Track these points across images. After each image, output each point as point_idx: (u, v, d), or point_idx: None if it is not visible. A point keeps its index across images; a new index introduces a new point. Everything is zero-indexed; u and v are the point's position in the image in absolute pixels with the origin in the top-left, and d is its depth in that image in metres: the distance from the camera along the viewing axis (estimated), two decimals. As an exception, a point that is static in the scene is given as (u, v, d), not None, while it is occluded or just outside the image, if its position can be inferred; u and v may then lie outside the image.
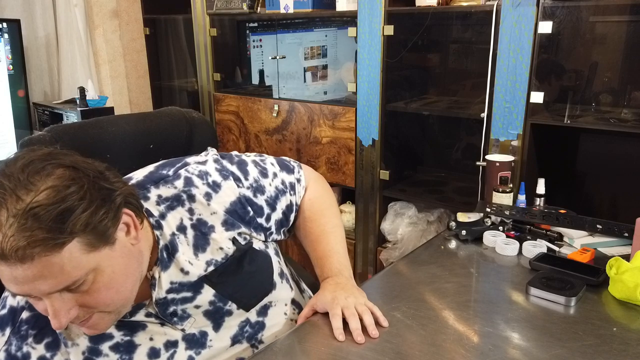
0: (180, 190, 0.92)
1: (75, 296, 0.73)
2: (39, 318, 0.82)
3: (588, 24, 1.70)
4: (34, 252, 0.66)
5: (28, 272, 0.67)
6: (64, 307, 0.72)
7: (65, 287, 0.71)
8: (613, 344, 0.91)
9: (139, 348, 0.85)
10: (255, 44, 2.49)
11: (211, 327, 0.92)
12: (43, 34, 2.50)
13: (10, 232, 0.65)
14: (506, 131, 1.69)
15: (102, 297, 0.74)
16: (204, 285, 0.90)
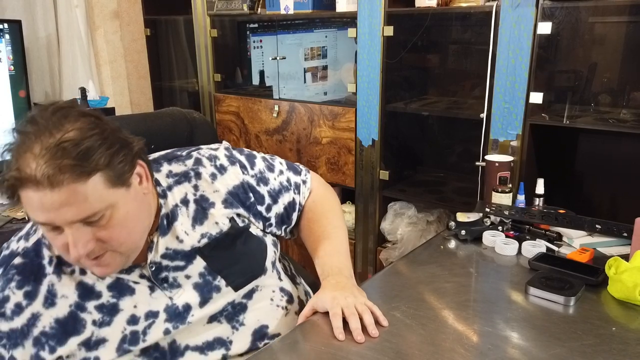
0: (189, 168, 0.99)
1: (93, 230, 0.80)
2: (27, 266, 0.89)
3: (587, 24, 1.70)
4: (63, 178, 0.74)
5: (56, 198, 0.75)
6: (83, 238, 0.79)
7: (87, 216, 0.78)
8: (612, 343, 0.92)
9: (120, 313, 0.90)
10: (255, 44, 2.49)
11: (198, 302, 0.94)
12: (44, 35, 2.51)
13: (42, 161, 0.74)
14: (505, 131, 1.69)
15: (116, 233, 0.82)
16: (196, 257, 0.95)
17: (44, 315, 0.88)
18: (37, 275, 0.89)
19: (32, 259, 0.90)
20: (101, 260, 0.83)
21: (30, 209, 0.78)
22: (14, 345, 0.87)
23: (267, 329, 1.01)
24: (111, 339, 0.89)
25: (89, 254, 0.81)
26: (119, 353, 0.89)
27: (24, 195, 0.77)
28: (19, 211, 1.80)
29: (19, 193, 0.77)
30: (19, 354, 0.87)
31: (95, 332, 0.88)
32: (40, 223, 0.80)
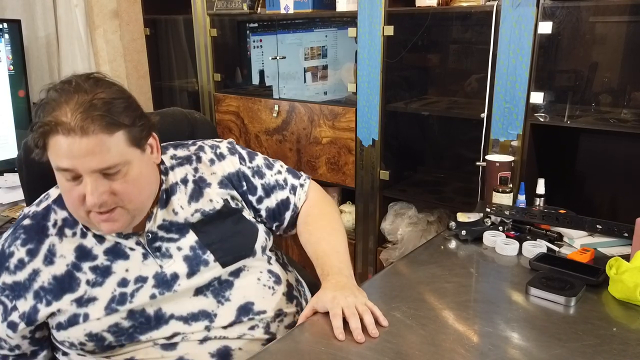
0: (191, 152, 1.11)
1: (109, 183, 0.89)
2: (33, 227, 0.99)
3: (588, 24, 1.70)
4: (93, 128, 0.85)
5: (84, 145, 0.85)
6: (100, 188, 0.88)
7: (108, 167, 0.88)
8: (613, 344, 0.91)
9: (112, 275, 0.97)
10: (255, 44, 2.49)
11: (186, 272, 1.00)
12: (43, 34, 2.50)
13: (76, 112, 0.84)
14: (506, 131, 1.69)
15: (129, 189, 0.91)
16: (189, 231, 1.02)
17: (43, 271, 0.96)
18: (41, 235, 0.97)
19: (39, 221, 0.99)
20: (110, 215, 0.91)
21: (57, 155, 0.87)
22: (17, 297, 0.96)
23: (252, 306, 1.03)
24: (101, 298, 0.96)
25: (102, 205, 0.89)
26: (107, 312, 0.95)
27: (54, 142, 0.86)
28: (18, 211, 1.80)
29: (48, 140, 0.86)
30: (21, 304, 0.96)
31: (87, 291, 0.96)
32: (63, 169, 0.88)
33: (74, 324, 0.95)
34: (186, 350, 0.98)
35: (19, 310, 0.96)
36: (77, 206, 0.91)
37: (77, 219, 0.96)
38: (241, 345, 1.01)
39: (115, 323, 0.95)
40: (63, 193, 0.94)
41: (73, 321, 0.95)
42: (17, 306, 0.96)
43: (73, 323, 0.95)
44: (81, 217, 0.94)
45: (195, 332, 0.99)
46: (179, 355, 0.98)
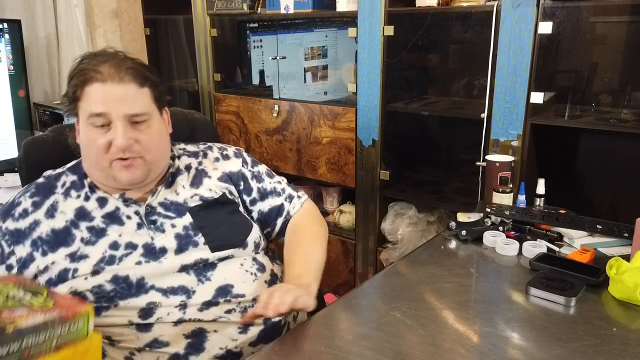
0: (200, 149, 1.21)
1: (135, 132, 1.00)
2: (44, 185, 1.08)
3: (588, 24, 1.70)
4: (127, 78, 0.99)
5: (119, 91, 0.98)
6: (128, 133, 0.99)
7: (137, 113, 1.00)
8: (613, 344, 0.91)
9: (105, 237, 1.03)
10: (255, 44, 2.49)
11: (174, 248, 1.05)
12: (44, 34, 2.50)
13: (111, 66, 0.99)
14: (506, 131, 1.69)
15: (150, 140, 1.02)
16: (186, 214, 1.09)
17: (44, 223, 1.03)
18: (48, 192, 1.06)
19: (51, 181, 1.09)
20: (132, 162, 1.01)
21: (93, 101, 0.98)
22: (16, 242, 1.02)
23: (231, 288, 1.05)
24: (92, 256, 1.01)
25: (127, 149, 0.99)
26: (95, 268, 1.00)
27: (91, 89, 0.98)
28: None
29: (85, 88, 0.98)
30: (19, 250, 1.02)
31: (81, 248, 1.01)
32: (97, 114, 0.98)
33: (64, 279, 0.99)
34: (161, 332, 1.00)
35: (16, 255, 1.02)
36: (101, 155, 1.00)
37: (97, 170, 1.03)
38: (216, 327, 1.02)
39: (99, 284, 0.99)
40: (88, 144, 1.02)
41: (63, 276, 0.99)
42: (15, 251, 1.02)
43: (63, 279, 0.99)
44: (102, 168, 1.01)
45: (171, 307, 1.00)
46: (154, 337, 1.00)
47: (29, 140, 1.20)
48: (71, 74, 1.02)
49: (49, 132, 1.23)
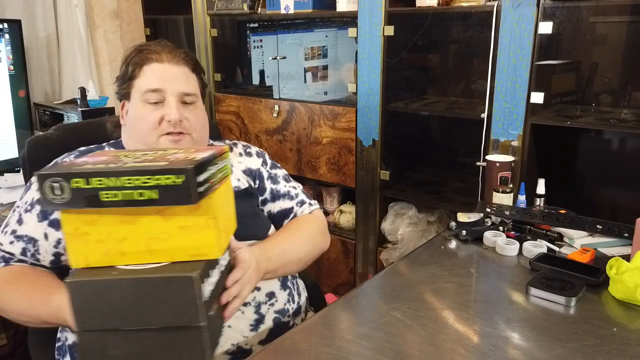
0: (225, 145, 1.24)
1: (185, 110, 1.07)
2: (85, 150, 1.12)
3: (588, 24, 1.70)
4: (182, 62, 1.09)
5: (173, 71, 1.07)
6: (179, 109, 1.06)
7: (188, 92, 1.08)
8: (613, 344, 0.91)
9: None
10: (255, 44, 2.49)
11: None
12: (44, 34, 2.50)
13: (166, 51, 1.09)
14: (506, 131, 1.69)
15: (197, 119, 1.10)
16: None
17: None
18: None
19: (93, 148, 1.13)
20: (180, 137, 1.06)
21: (150, 78, 1.06)
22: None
23: None
24: None
25: (177, 124, 1.05)
26: None
27: (149, 68, 1.07)
28: (19, 211, 1.80)
29: (143, 68, 1.06)
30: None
31: None
32: (152, 90, 1.05)
33: None
34: None
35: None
36: (152, 129, 1.05)
37: (144, 146, 1.06)
38: (230, 322, 1.02)
39: None
40: (138, 120, 1.07)
41: None
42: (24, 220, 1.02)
43: None
44: (151, 142, 1.06)
45: None
46: None
47: (33, 139, 1.20)
48: (128, 56, 1.09)
49: (53, 130, 1.23)
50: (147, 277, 0.72)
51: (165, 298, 0.71)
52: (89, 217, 0.73)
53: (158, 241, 0.74)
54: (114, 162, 0.73)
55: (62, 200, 0.71)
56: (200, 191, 0.70)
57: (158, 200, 0.70)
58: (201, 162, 0.72)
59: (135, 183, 0.69)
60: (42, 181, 0.70)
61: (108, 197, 0.70)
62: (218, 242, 0.75)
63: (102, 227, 0.74)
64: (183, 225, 0.73)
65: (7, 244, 1.01)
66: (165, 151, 0.81)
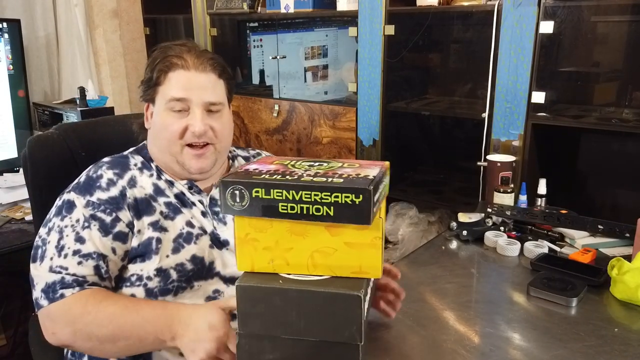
0: (250, 154, 1.25)
1: (210, 120, 1.04)
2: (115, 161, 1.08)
3: (589, 23, 1.70)
4: (208, 69, 1.05)
5: (200, 79, 1.03)
6: (205, 120, 1.03)
7: (214, 102, 1.04)
8: (614, 344, 0.91)
9: (182, 215, 1.05)
10: (255, 43, 2.48)
11: (233, 244, 1.05)
12: (43, 34, 2.50)
13: (194, 56, 1.05)
14: (507, 131, 1.68)
15: (223, 128, 1.06)
16: None
17: (128, 191, 1.02)
18: (124, 167, 1.06)
19: (120, 160, 1.08)
20: (203, 150, 1.04)
21: (175, 86, 1.02)
22: (117, 209, 0.99)
23: None
24: (171, 230, 1.02)
25: (202, 135, 1.02)
26: (175, 245, 1.01)
27: (174, 75, 1.03)
28: (18, 211, 1.80)
29: (168, 74, 1.03)
30: (122, 215, 0.99)
31: (161, 220, 1.02)
32: (177, 99, 1.02)
33: (149, 253, 0.99)
34: None
35: (124, 221, 0.99)
36: (175, 139, 1.03)
37: (167, 155, 1.05)
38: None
39: (182, 263, 1.00)
40: (162, 128, 1.04)
41: (148, 247, 0.99)
42: (120, 217, 0.99)
43: (149, 251, 0.99)
44: (173, 153, 1.04)
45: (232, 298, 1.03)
46: None
47: (34, 138, 1.20)
48: (154, 60, 1.06)
49: (54, 130, 1.23)
50: (314, 290, 0.73)
51: (328, 312, 0.72)
52: (260, 224, 0.75)
53: (322, 255, 0.75)
54: (289, 174, 0.75)
55: (240, 208, 0.74)
56: (374, 211, 0.71)
57: (333, 217, 0.71)
58: (376, 182, 0.73)
59: (313, 198, 0.71)
60: (226, 187, 0.73)
61: (285, 209, 0.73)
62: (381, 262, 0.75)
63: (271, 236, 0.76)
64: (349, 242, 0.74)
65: (74, 266, 0.94)
66: (330, 164, 0.82)
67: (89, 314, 0.90)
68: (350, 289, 0.72)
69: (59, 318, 0.92)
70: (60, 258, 0.95)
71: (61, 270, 0.94)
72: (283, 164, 0.81)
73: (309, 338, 0.74)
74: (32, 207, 1.24)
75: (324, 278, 0.75)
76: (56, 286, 0.93)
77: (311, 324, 0.73)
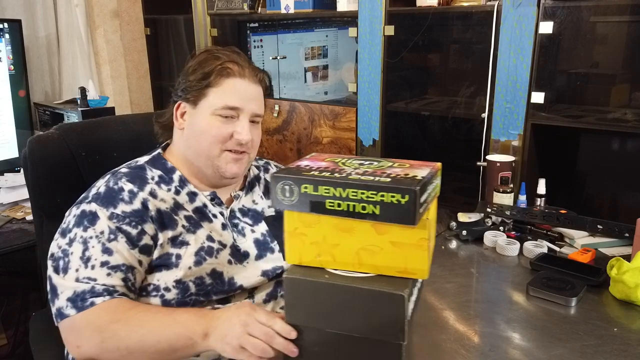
0: (260, 164, 1.25)
1: (251, 129, 1.05)
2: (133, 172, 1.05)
3: (589, 24, 1.70)
4: (259, 83, 1.08)
5: (252, 90, 1.06)
6: (249, 129, 1.04)
7: (259, 114, 1.07)
8: (614, 344, 0.91)
9: (202, 229, 1.04)
10: (256, 44, 2.49)
11: (254, 255, 1.08)
12: (44, 34, 2.50)
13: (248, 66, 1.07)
14: (507, 131, 1.69)
15: (258, 137, 1.09)
16: (262, 221, 1.13)
17: (151, 201, 1.01)
18: (142, 180, 1.04)
19: (137, 171, 1.06)
20: (242, 156, 1.05)
21: (229, 94, 1.03)
22: (142, 222, 0.98)
23: None
24: (192, 244, 1.01)
25: (246, 144, 1.04)
26: (196, 258, 1.00)
27: (230, 82, 1.03)
28: (19, 211, 1.80)
29: (225, 80, 1.03)
30: (148, 228, 0.98)
31: (182, 234, 1.01)
32: (229, 107, 1.02)
33: (168, 266, 0.98)
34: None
35: (149, 233, 0.98)
36: (216, 143, 1.03)
37: (203, 158, 1.05)
38: None
39: (201, 276, 1.00)
40: (205, 131, 1.03)
41: (167, 262, 0.98)
42: (145, 230, 0.98)
43: (167, 264, 0.98)
44: (211, 156, 1.04)
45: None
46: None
47: (35, 138, 1.19)
48: (204, 62, 1.05)
49: (54, 130, 1.22)
50: (359, 287, 0.74)
51: (372, 310, 0.73)
52: (309, 219, 0.77)
53: (368, 253, 0.76)
54: (338, 172, 0.76)
55: (290, 202, 0.76)
56: (420, 212, 0.71)
57: (378, 215, 0.72)
58: (424, 182, 0.73)
59: (360, 196, 0.72)
60: (277, 182, 0.76)
61: (332, 206, 0.74)
62: (428, 264, 0.76)
63: (318, 231, 0.77)
64: (395, 241, 0.74)
65: (103, 277, 0.92)
66: (380, 163, 0.82)
67: (118, 321, 0.88)
68: (395, 288, 0.72)
69: (84, 328, 0.89)
70: (88, 269, 0.92)
71: (89, 281, 0.91)
72: (334, 161, 0.82)
73: (351, 333, 0.75)
74: (32, 207, 1.24)
75: (370, 276, 0.76)
76: (85, 295, 0.90)
77: (354, 320, 0.75)
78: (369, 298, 0.73)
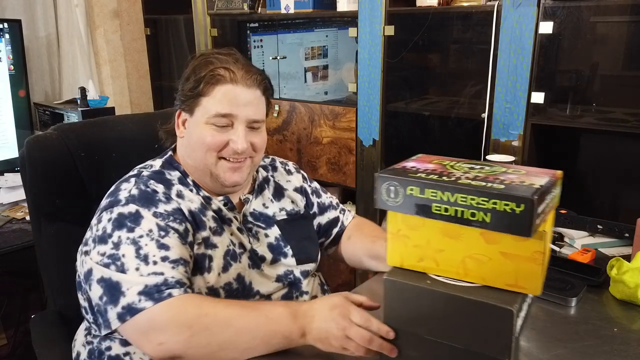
0: (267, 163, 1.23)
1: (250, 135, 1.03)
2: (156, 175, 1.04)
3: (589, 24, 1.70)
4: (254, 86, 1.02)
5: (246, 95, 1.00)
6: (246, 137, 1.01)
7: (256, 120, 1.03)
8: (614, 344, 0.91)
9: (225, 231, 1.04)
10: (256, 44, 2.49)
11: (269, 259, 1.08)
12: (44, 34, 2.50)
13: (241, 69, 1.01)
14: (507, 131, 1.69)
15: (260, 143, 1.05)
16: (274, 225, 1.13)
17: (182, 202, 1.00)
18: (167, 182, 1.02)
19: (158, 175, 1.03)
20: (240, 165, 1.03)
21: (220, 101, 0.99)
22: (184, 219, 0.97)
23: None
24: (220, 246, 1.01)
25: (243, 152, 1.01)
26: (224, 262, 1.00)
27: (221, 89, 0.99)
28: (19, 211, 1.80)
29: (215, 87, 0.99)
30: (189, 226, 0.97)
31: (211, 236, 1.01)
32: (222, 115, 0.99)
33: (201, 267, 0.97)
34: None
35: (191, 231, 0.97)
36: (210, 152, 1.00)
37: (201, 167, 1.03)
38: None
39: (229, 282, 1.00)
40: (199, 141, 1.00)
41: (202, 263, 0.97)
42: (188, 228, 0.97)
43: (201, 265, 0.97)
44: (207, 165, 1.02)
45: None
46: None
47: (32, 139, 1.18)
48: (197, 68, 1.01)
49: (52, 130, 1.21)
50: (464, 297, 0.70)
51: (476, 323, 0.70)
52: (413, 222, 0.74)
53: (474, 261, 0.72)
54: (447, 175, 0.72)
55: (394, 203, 0.74)
56: (536, 223, 0.67)
57: (489, 224, 0.67)
58: (543, 191, 0.68)
59: (469, 202, 0.68)
60: (382, 182, 0.73)
61: (439, 210, 0.70)
62: (541, 279, 0.71)
63: (422, 234, 0.74)
64: (506, 252, 0.70)
65: (169, 270, 0.87)
66: (492, 168, 0.78)
67: (207, 316, 0.82)
68: (504, 302, 0.68)
69: (168, 323, 0.82)
70: (150, 265, 0.86)
71: (158, 275, 0.86)
72: (442, 164, 0.79)
73: (452, 344, 0.72)
74: (30, 208, 1.23)
75: (475, 286, 0.72)
76: (160, 287, 0.84)
77: (457, 330, 0.71)
78: (475, 310, 0.69)
